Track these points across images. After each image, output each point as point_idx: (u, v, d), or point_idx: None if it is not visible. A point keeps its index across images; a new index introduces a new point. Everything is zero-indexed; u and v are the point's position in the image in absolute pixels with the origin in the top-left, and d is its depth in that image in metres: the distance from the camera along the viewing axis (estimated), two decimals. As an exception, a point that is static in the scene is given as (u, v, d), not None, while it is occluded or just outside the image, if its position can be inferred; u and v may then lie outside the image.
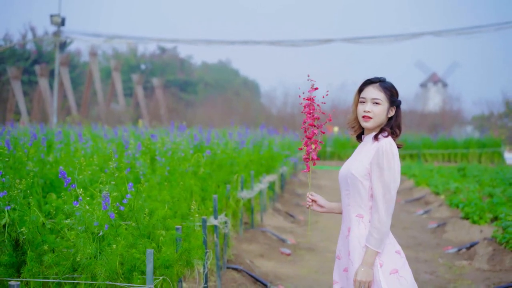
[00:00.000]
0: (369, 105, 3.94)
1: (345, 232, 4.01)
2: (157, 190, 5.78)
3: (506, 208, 11.71)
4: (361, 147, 4.04)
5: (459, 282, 8.37)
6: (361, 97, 4.00)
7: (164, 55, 65.81)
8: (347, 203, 4.00)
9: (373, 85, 3.98)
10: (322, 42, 30.05)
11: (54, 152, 9.64)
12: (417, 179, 19.57)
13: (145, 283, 4.30)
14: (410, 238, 11.61)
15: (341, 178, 4.04)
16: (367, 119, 3.95)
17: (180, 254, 4.63)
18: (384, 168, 3.85)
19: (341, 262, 4.05)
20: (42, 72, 43.02)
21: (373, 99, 3.94)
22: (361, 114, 3.98)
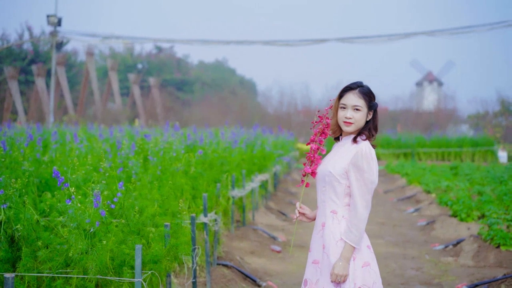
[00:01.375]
0: (350, 112, 4.17)
1: (319, 227, 4.25)
2: (148, 189, 6.00)
3: (493, 206, 11.95)
4: (338, 147, 4.28)
5: (443, 278, 8.60)
6: (341, 103, 4.21)
7: (161, 54, 65.96)
8: (322, 199, 4.24)
9: (352, 92, 4.20)
10: (317, 42, 30.30)
11: (50, 152, 9.84)
12: (409, 178, 19.81)
13: (134, 277, 4.52)
14: (399, 236, 11.86)
15: (319, 176, 4.26)
16: (349, 124, 4.19)
17: (168, 249, 4.85)
18: (364, 169, 4.11)
19: (311, 254, 4.28)
20: (39, 72, 43.16)
21: (354, 106, 4.17)
22: (342, 119, 4.20)
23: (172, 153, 8.23)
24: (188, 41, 33.21)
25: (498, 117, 49.17)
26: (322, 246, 4.18)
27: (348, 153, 4.17)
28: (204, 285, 7.08)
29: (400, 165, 25.11)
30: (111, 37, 39.30)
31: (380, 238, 11.58)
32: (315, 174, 4.29)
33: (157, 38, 45.58)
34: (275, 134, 23.54)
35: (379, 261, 9.50)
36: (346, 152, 4.18)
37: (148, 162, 8.39)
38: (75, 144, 10.38)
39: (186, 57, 70.75)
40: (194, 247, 5.95)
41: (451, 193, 14.90)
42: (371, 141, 4.22)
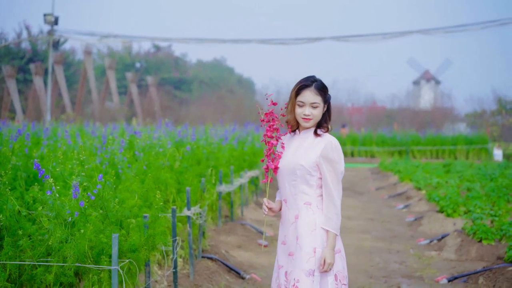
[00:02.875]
0: (308, 109, 4.30)
1: (292, 219, 4.34)
2: (130, 182, 6.17)
3: (479, 201, 12.15)
4: (300, 141, 4.40)
5: (425, 271, 8.78)
6: (299, 101, 4.33)
7: (159, 53, 66.12)
8: (293, 192, 4.34)
9: (309, 89, 4.32)
10: (312, 40, 30.50)
11: (41, 148, 10.02)
12: (401, 175, 19.99)
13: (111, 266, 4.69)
14: (386, 231, 12.04)
15: (287, 170, 4.35)
16: (308, 120, 4.33)
17: (146, 239, 5.03)
18: (336, 161, 4.30)
19: (286, 247, 4.38)
20: (37, 70, 43.30)
21: (311, 103, 4.30)
22: (300, 116, 4.33)
23: (158, 148, 8.41)
24: (184, 39, 33.40)
25: (495, 116, 49.34)
26: (295, 237, 4.29)
27: (316, 146, 4.31)
28: (188, 276, 7.26)
29: (393, 162, 25.29)
30: (109, 36, 39.46)
31: (367, 233, 11.77)
32: (277, 170, 4.38)
33: (154, 37, 45.84)
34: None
35: (364, 256, 9.74)
36: (313, 145, 4.32)
37: (136, 157, 8.56)
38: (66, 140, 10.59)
39: (184, 56, 70.90)
40: (175, 238, 6.13)
41: (441, 189, 15.08)
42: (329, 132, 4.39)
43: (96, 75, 55.63)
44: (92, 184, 5.35)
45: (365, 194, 18.14)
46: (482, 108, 49.90)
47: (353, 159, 33.16)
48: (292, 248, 4.33)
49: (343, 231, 11.81)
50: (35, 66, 43.59)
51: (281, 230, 4.48)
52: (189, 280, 7.15)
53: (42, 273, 4.70)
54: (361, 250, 10.18)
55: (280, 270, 4.41)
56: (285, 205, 4.41)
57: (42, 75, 43.67)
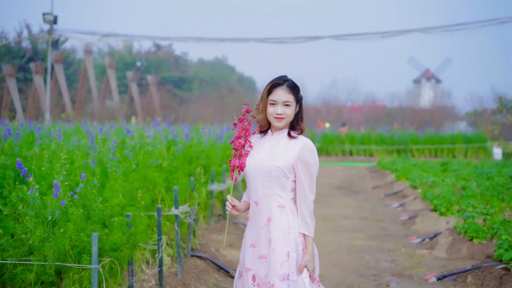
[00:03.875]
0: (281, 108, 4.23)
1: (264, 222, 4.25)
2: (115, 181, 6.18)
3: (473, 200, 12.16)
4: (274, 142, 4.33)
5: (415, 270, 8.80)
6: (271, 99, 4.25)
7: (159, 52, 66.16)
8: (266, 194, 4.24)
9: (281, 88, 4.25)
10: (311, 39, 30.50)
11: (34, 147, 10.04)
12: (398, 174, 19.99)
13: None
14: (380, 230, 12.04)
15: (261, 171, 4.25)
16: (280, 119, 4.25)
17: (127, 238, 5.04)
18: (311, 164, 4.27)
19: (256, 250, 4.27)
20: (37, 69, 43.37)
21: (284, 102, 4.23)
22: (273, 115, 4.25)
23: (148, 147, 8.43)
24: (183, 38, 33.43)
25: (496, 114, 49.30)
26: (268, 241, 4.22)
27: (292, 148, 4.25)
28: (176, 275, 7.27)
29: (391, 161, 25.28)
30: (110, 35, 39.50)
31: (360, 232, 11.77)
32: (243, 168, 4.29)
33: (153, 36, 45.77)
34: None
35: (355, 254, 9.76)
36: (289, 147, 4.26)
37: (127, 156, 8.58)
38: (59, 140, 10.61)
39: (185, 55, 70.97)
40: (160, 237, 6.14)
41: (437, 188, 15.08)
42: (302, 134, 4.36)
43: (97, 74, 55.71)
44: (77, 184, 5.37)
45: (361, 193, 18.14)
46: (482, 107, 49.89)
47: (352, 158, 33.16)
48: (263, 251, 4.24)
49: (337, 230, 11.86)
50: (35, 65, 43.65)
51: (249, 233, 4.36)
52: (177, 278, 7.17)
53: (23, 272, 4.72)
54: (352, 249, 10.19)
55: (247, 273, 4.31)
56: (256, 207, 4.30)
57: (42, 74, 43.73)
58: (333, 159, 32.46)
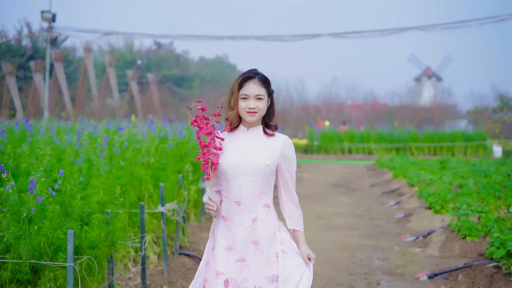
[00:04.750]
0: (253, 102, 4.09)
1: (248, 222, 4.08)
2: (97, 177, 6.11)
3: (468, 198, 12.05)
4: (249, 139, 4.18)
5: (407, 268, 8.71)
6: (243, 94, 4.10)
7: (160, 50, 66.10)
8: (253, 194, 4.08)
9: (252, 81, 4.12)
10: (309, 37, 30.41)
11: (24, 145, 9.97)
12: (395, 172, 19.90)
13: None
14: (374, 228, 11.95)
15: (246, 170, 4.09)
16: (253, 114, 4.09)
17: (105, 235, 4.96)
18: (293, 160, 4.24)
19: (233, 252, 4.06)
20: (36, 68, 43.32)
21: (256, 95, 4.09)
22: (244, 110, 4.10)
23: (136, 144, 8.35)
24: (182, 36, 33.34)
25: (497, 113, 49.18)
26: (253, 242, 4.06)
27: (274, 146, 4.15)
28: (162, 273, 7.20)
29: (390, 159, 25.18)
30: (109, 33, 39.42)
31: (354, 230, 11.69)
32: (214, 164, 4.07)
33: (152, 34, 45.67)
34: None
35: (348, 252, 9.66)
36: (270, 145, 4.15)
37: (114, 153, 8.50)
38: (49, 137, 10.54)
39: (186, 53, 70.90)
40: (143, 235, 6.06)
41: (433, 186, 14.99)
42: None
43: (97, 73, 55.69)
44: (55, 180, 5.28)
45: (358, 191, 18.05)
46: (484, 105, 49.77)
47: (351, 156, 33.02)
48: (244, 253, 4.06)
49: (331, 228, 11.77)
50: (35, 63, 43.61)
51: (222, 234, 4.12)
52: (163, 276, 7.09)
53: (-2, 270, 4.64)
54: (345, 247, 10.10)
55: (218, 277, 4.04)
56: (237, 208, 4.09)
57: (42, 72, 43.68)
58: (332, 157, 32.33)
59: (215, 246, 4.12)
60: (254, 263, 4.04)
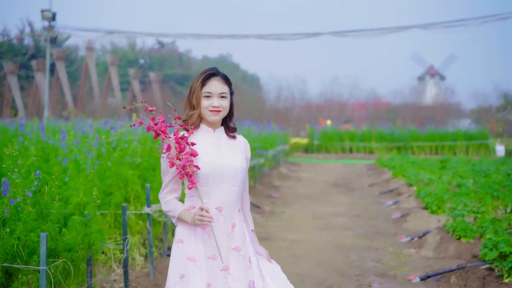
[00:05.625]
0: (217, 100, 3.92)
1: (228, 229, 3.91)
2: (79, 178, 6.00)
3: (466, 198, 11.91)
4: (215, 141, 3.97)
5: (400, 269, 8.58)
6: (206, 92, 3.93)
7: (163, 49, 66.03)
8: (232, 199, 3.93)
9: (216, 79, 3.96)
10: (309, 35, 30.27)
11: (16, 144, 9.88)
12: (394, 171, 19.77)
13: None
14: (370, 228, 11.83)
15: (227, 174, 3.91)
16: (217, 112, 3.92)
17: (82, 238, 4.85)
18: (249, 160, 4.13)
19: (217, 262, 3.85)
20: (38, 67, 43.31)
21: (220, 93, 3.92)
22: (208, 108, 3.91)
23: (124, 144, 8.24)
24: (181, 35, 33.24)
25: (501, 111, 49.01)
26: (233, 249, 3.87)
27: (239, 148, 4.03)
28: (148, 275, 7.09)
29: (390, 159, 25.03)
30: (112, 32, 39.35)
31: (349, 230, 11.56)
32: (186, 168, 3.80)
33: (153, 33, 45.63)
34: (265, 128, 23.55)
35: (341, 253, 9.54)
36: (237, 147, 4.02)
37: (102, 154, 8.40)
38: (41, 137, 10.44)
39: (188, 52, 70.82)
40: (125, 236, 5.96)
41: (432, 186, 14.85)
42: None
43: (100, 72, 55.64)
44: (31, 181, 5.18)
45: (357, 190, 17.92)
46: (488, 104, 49.61)
47: (351, 155, 32.89)
48: (227, 261, 3.86)
49: (326, 228, 11.65)
50: (36, 62, 43.59)
51: (202, 243, 3.86)
52: (149, 279, 6.99)
53: (-30, 273, 4.54)
54: (339, 247, 9.98)
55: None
56: (218, 214, 3.87)
57: (44, 71, 43.64)
58: (332, 157, 32.21)
59: (195, 256, 3.83)
60: (237, 270, 3.87)
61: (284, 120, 41.20)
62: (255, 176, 16.61)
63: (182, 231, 3.88)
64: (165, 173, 3.95)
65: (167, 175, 3.94)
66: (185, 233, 3.87)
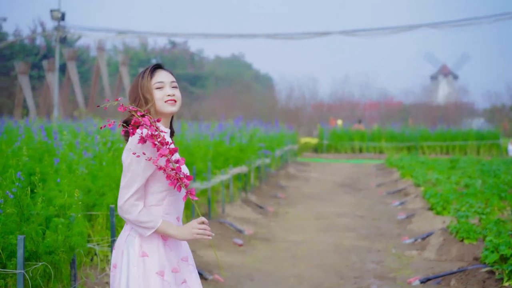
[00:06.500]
0: (170, 89, 3.59)
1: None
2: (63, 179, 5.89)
3: (471, 199, 11.72)
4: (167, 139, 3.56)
5: (400, 272, 8.43)
6: (157, 82, 3.57)
7: (174, 49, 66.01)
8: (183, 207, 3.71)
9: (163, 70, 3.66)
10: (319, 35, 30.12)
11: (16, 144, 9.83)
12: (403, 171, 19.57)
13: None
14: (374, 229, 11.67)
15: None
16: (174, 102, 3.60)
17: (63, 240, 4.74)
18: None
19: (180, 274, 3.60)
20: (49, 67, 43.36)
21: (172, 82, 3.61)
22: (163, 99, 3.56)
23: (119, 145, 8.15)
24: (188, 35, 33.20)
25: (515, 111, 48.65)
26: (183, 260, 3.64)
27: None
28: (140, 277, 6.97)
29: (399, 158, 24.80)
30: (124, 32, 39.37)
31: (352, 231, 11.41)
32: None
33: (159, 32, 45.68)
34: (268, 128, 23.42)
35: (341, 255, 9.39)
36: None
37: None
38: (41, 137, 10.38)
39: (200, 52, 70.75)
40: (113, 238, 5.85)
41: (439, 186, 14.66)
42: None
43: (111, 71, 55.69)
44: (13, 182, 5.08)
45: (364, 190, 17.75)
46: (501, 103, 49.26)
47: (361, 155, 32.65)
48: (184, 273, 3.62)
49: (328, 229, 11.50)
50: (47, 62, 43.65)
51: (166, 256, 3.54)
52: (141, 281, 6.86)
53: None
54: (339, 249, 9.83)
55: None
56: (177, 224, 3.62)
57: (54, 71, 43.73)
58: (342, 157, 31.99)
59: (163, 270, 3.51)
60: (191, 281, 3.63)
61: (295, 120, 41.04)
62: (260, 177, 16.48)
63: (146, 244, 3.50)
64: (136, 176, 3.46)
65: (138, 179, 3.45)
66: (150, 246, 3.50)
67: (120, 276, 3.51)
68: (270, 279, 7.98)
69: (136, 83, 3.63)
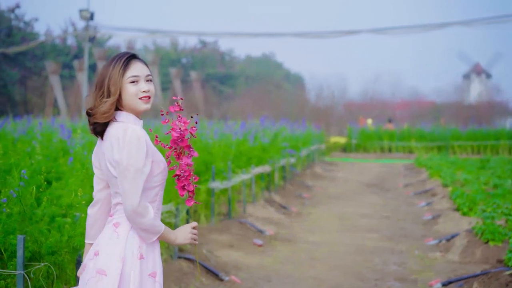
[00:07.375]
0: (145, 84, 3.32)
1: None
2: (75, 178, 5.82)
3: (499, 199, 11.44)
4: None
5: (422, 274, 8.23)
6: (131, 76, 3.28)
7: (205, 49, 66.06)
8: None
9: (138, 60, 3.35)
10: (349, 33, 29.85)
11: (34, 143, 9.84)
12: (431, 171, 19.26)
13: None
14: (398, 230, 11.46)
15: None
16: (148, 99, 3.34)
17: (66, 241, 4.65)
18: None
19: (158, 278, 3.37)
20: (80, 66, 43.67)
21: (147, 76, 3.35)
22: (137, 95, 3.28)
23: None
24: (217, 34, 33.15)
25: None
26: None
27: None
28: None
29: (428, 158, 24.43)
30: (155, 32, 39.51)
31: (376, 232, 11.20)
32: None
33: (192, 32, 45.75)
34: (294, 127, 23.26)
35: (363, 256, 9.20)
36: None
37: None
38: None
39: (231, 51, 70.72)
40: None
41: (468, 186, 14.36)
42: None
43: (142, 71, 55.87)
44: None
45: (391, 191, 17.49)
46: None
47: (390, 154, 32.26)
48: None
49: (350, 230, 11.31)
50: (78, 62, 43.97)
51: (150, 260, 3.31)
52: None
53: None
54: (361, 250, 9.64)
55: None
56: None
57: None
58: (371, 156, 31.65)
59: (156, 271, 3.33)
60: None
61: (325, 119, 40.78)
62: (285, 176, 16.32)
63: (142, 247, 3.26)
64: (143, 176, 3.21)
65: (143, 177, 3.19)
66: (145, 248, 3.27)
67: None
68: (288, 281, 7.84)
69: (106, 72, 3.29)
